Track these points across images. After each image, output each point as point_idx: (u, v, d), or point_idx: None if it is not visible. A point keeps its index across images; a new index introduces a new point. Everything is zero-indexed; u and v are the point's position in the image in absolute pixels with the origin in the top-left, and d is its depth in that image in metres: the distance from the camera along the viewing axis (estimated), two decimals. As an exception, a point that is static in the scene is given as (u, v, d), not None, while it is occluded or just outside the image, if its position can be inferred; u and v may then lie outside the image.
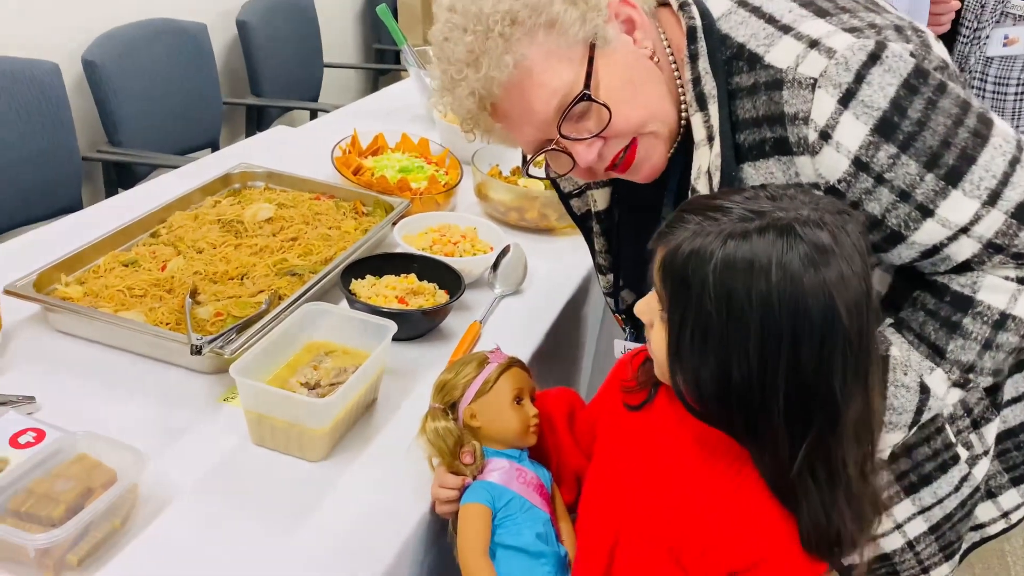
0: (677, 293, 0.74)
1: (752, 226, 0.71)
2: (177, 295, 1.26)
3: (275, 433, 1.03)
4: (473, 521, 0.91)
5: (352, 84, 4.06)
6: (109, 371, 1.15)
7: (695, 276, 0.72)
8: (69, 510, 0.86)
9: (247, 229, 1.47)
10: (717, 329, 0.71)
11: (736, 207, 0.74)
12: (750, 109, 0.88)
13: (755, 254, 0.70)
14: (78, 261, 1.31)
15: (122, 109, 2.42)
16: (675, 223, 0.76)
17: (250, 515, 0.95)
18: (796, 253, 0.69)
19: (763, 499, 0.77)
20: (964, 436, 1.01)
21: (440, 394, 0.98)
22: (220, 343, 1.11)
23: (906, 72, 0.83)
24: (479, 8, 0.88)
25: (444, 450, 0.95)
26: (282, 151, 1.90)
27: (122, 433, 1.00)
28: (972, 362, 0.90)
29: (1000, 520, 1.10)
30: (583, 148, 0.93)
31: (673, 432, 0.84)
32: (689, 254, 0.72)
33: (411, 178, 1.72)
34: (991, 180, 0.84)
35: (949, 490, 1.02)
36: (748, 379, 0.71)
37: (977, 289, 0.89)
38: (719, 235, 0.71)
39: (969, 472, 1.01)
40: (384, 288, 1.33)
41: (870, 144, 0.83)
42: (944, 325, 0.90)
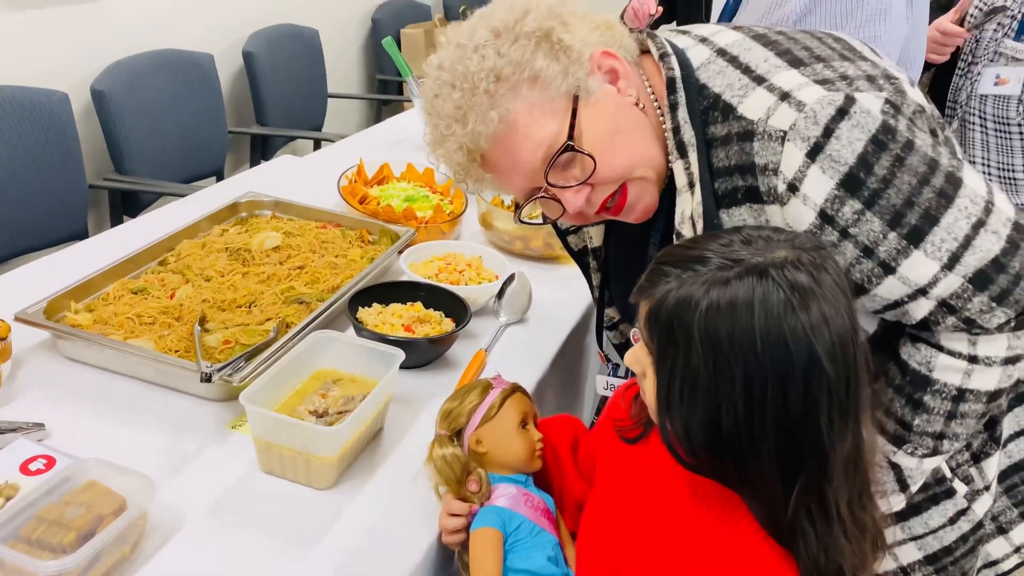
0: (665, 346, 0.75)
1: (731, 273, 0.72)
2: (186, 323, 1.27)
3: (284, 461, 1.03)
4: (485, 545, 0.91)
5: (355, 114, 4.10)
6: (118, 398, 1.16)
7: (680, 328, 0.73)
8: (80, 537, 0.86)
9: (254, 257, 1.48)
10: (705, 379, 0.72)
11: (713, 256, 0.75)
12: (724, 159, 0.90)
13: (736, 300, 0.71)
14: (87, 289, 1.32)
15: (129, 138, 2.45)
16: (655, 276, 0.77)
17: (258, 543, 0.96)
18: (775, 296, 0.70)
19: (760, 543, 0.76)
20: (964, 470, 1.01)
21: (446, 421, 0.99)
22: (229, 371, 1.12)
23: (874, 128, 0.83)
24: (465, 67, 0.92)
25: (451, 478, 0.96)
26: (288, 180, 1.92)
27: (131, 460, 1.01)
28: (940, 431, 0.92)
29: (1013, 555, 1.10)
30: (571, 195, 0.95)
31: (668, 472, 0.84)
32: (674, 307, 0.74)
33: (416, 207, 1.74)
34: (952, 243, 0.85)
35: (943, 521, 1.02)
36: (737, 426, 0.72)
37: (932, 368, 0.90)
38: (701, 285, 0.73)
39: (968, 507, 1.01)
40: (390, 316, 1.34)
41: (836, 198, 0.84)
42: (909, 402, 0.92)
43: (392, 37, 2.32)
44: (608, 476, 0.92)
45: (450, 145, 0.94)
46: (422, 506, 1.01)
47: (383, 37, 2.40)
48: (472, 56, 0.92)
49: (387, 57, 2.31)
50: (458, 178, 1.00)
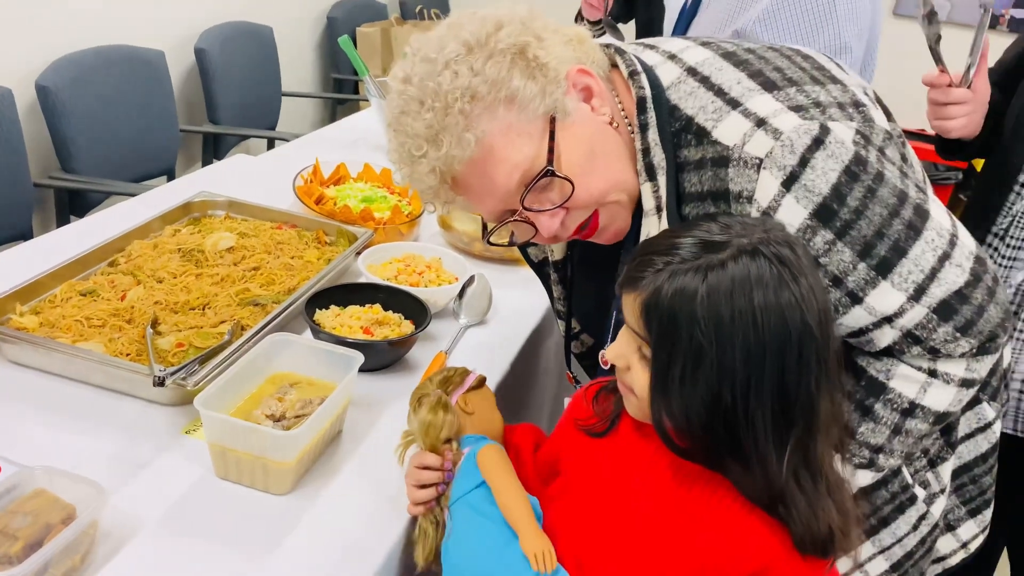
0: (664, 331, 0.76)
1: (725, 255, 0.75)
2: (137, 325, 1.24)
3: (240, 466, 1.01)
4: (501, 457, 0.92)
5: (310, 113, 4.06)
6: (67, 404, 1.12)
7: (683, 313, 0.75)
8: (27, 547, 0.83)
9: (208, 258, 1.45)
10: (708, 358, 0.75)
11: (697, 240, 0.77)
12: (696, 183, 0.89)
13: (734, 280, 0.74)
14: (33, 291, 1.28)
15: (76, 135, 2.39)
16: (642, 267, 0.78)
17: (214, 551, 0.93)
18: (768, 272, 0.75)
19: (748, 514, 0.79)
20: (921, 475, 1.03)
21: (443, 383, 0.99)
22: (183, 374, 1.09)
23: (847, 159, 0.84)
24: (437, 84, 0.87)
25: (435, 439, 0.96)
26: (242, 180, 1.89)
27: (81, 467, 0.98)
28: (881, 445, 0.93)
29: (960, 551, 1.13)
30: (546, 219, 0.92)
31: (647, 456, 0.85)
32: (674, 294, 0.75)
33: (374, 208, 1.72)
34: (919, 274, 0.86)
35: (908, 529, 1.04)
36: (736, 399, 0.75)
37: (890, 376, 0.92)
38: (697, 271, 0.75)
39: (927, 511, 1.03)
40: (349, 318, 1.32)
41: (808, 228, 0.85)
42: (858, 408, 0.93)
43: (348, 36, 2.30)
44: (578, 471, 0.92)
45: (421, 168, 0.90)
46: (384, 511, 1.00)
47: (338, 35, 2.38)
48: (444, 72, 0.87)
49: (343, 56, 2.29)
50: (426, 198, 0.96)
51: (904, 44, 2.76)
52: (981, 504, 1.12)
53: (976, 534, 1.13)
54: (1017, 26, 4.07)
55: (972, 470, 1.10)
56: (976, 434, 1.08)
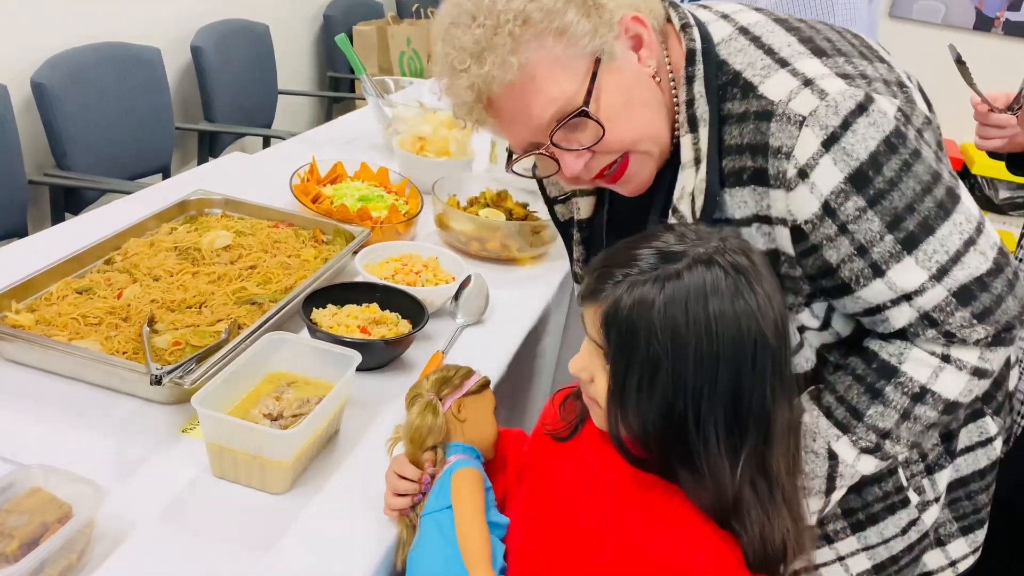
0: (623, 342, 0.77)
1: (681, 265, 0.76)
2: (133, 323, 1.24)
3: (237, 465, 1.01)
4: (472, 485, 0.91)
5: (306, 112, 4.05)
6: (63, 402, 1.12)
7: (640, 322, 0.76)
8: (23, 546, 0.83)
9: (204, 257, 1.45)
10: (664, 367, 0.75)
11: (655, 252, 0.78)
12: (736, 136, 0.90)
13: (689, 289, 0.75)
14: (29, 288, 1.27)
15: (71, 133, 2.38)
16: (601, 280, 0.79)
17: (210, 550, 0.93)
18: (724, 282, 0.76)
19: (703, 523, 0.79)
20: (917, 480, 1.03)
21: (438, 383, 0.98)
22: (180, 373, 1.09)
23: (889, 130, 0.85)
24: (492, 1, 0.87)
25: (420, 444, 0.95)
26: (238, 178, 1.88)
27: (78, 466, 0.97)
28: (888, 429, 0.93)
29: (948, 569, 1.12)
30: (571, 158, 0.93)
31: (607, 461, 0.86)
32: (632, 305, 0.76)
33: (371, 207, 1.72)
34: (943, 255, 0.86)
35: (896, 532, 1.04)
36: (690, 409, 0.76)
37: (903, 360, 0.92)
38: (654, 282, 0.76)
39: (918, 517, 1.03)
40: (346, 318, 1.32)
41: (842, 192, 0.85)
42: (868, 391, 0.93)
43: (345, 34, 2.29)
44: (540, 474, 0.93)
45: (460, 82, 0.90)
46: (379, 512, 1.00)
47: (335, 34, 2.37)
48: None
49: (339, 54, 2.29)
50: (458, 114, 0.96)
51: (900, 45, 2.76)
52: (975, 523, 1.11)
53: (966, 554, 1.12)
54: (1012, 29, 4.09)
55: (968, 485, 1.09)
56: (976, 448, 1.08)
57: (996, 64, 2.68)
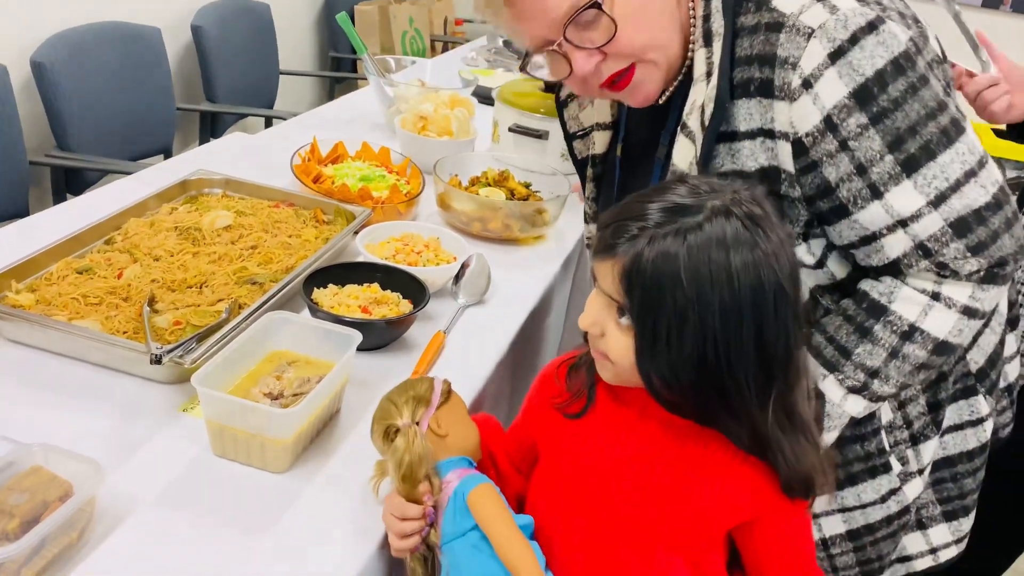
0: (648, 296, 0.77)
1: (701, 218, 0.76)
2: (134, 303, 1.23)
3: (237, 444, 1.01)
4: (494, 500, 0.88)
5: (308, 92, 4.03)
6: (63, 381, 1.12)
7: (665, 275, 0.76)
8: (24, 524, 0.83)
9: (205, 237, 1.44)
10: (692, 319, 0.75)
11: (671, 205, 0.78)
12: (747, 48, 0.91)
13: (711, 240, 0.75)
14: (29, 268, 1.27)
15: (72, 113, 2.37)
16: (617, 234, 0.78)
17: (211, 528, 0.93)
18: (742, 232, 0.76)
19: (741, 463, 0.83)
20: (900, 449, 1.02)
21: (411, 406, 0.94)
22: (180, 352, 1.09)
23: (897, 51, 0.86)
24: None
25: (415, 480, 0.90)
26: (239, 158, 1.88)
27: (78, 445, 0.97)
28: (876, 368, 0.93)
29: (928, 556, 1.11)
30: (582, 57, 0.95)
31: (633, 424, 0.86)
32: (655, 258, 0.76)
33: (372, 187, 1.71)
34: (943, 182, 0.87)
35: (874, 498, 1.03)
36: (720, 357, 0.76)
37: (892, 299, 0.92)
38: (676, 234, 0.76)
39: (900, 487, 1.03)
40: (347, 297, 1.32)
41: (844, 107, 0.86)
42: (857, 330, 0.93)
43: (346, 13, 2.27)
44: (562, 453, 0.92)
45: None
46: (381, 489, 1.00)
47: (336, 13, 2.35)
48: None
49: (341, 34, 2.28)
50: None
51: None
52: (959, 509, 1.10)
53: (948, 543, 1.11)
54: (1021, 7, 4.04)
55: (955, 466, 1.08)
56: (966, 427, 1.07)
57: (1005, 42, 2.65)
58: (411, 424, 0.92)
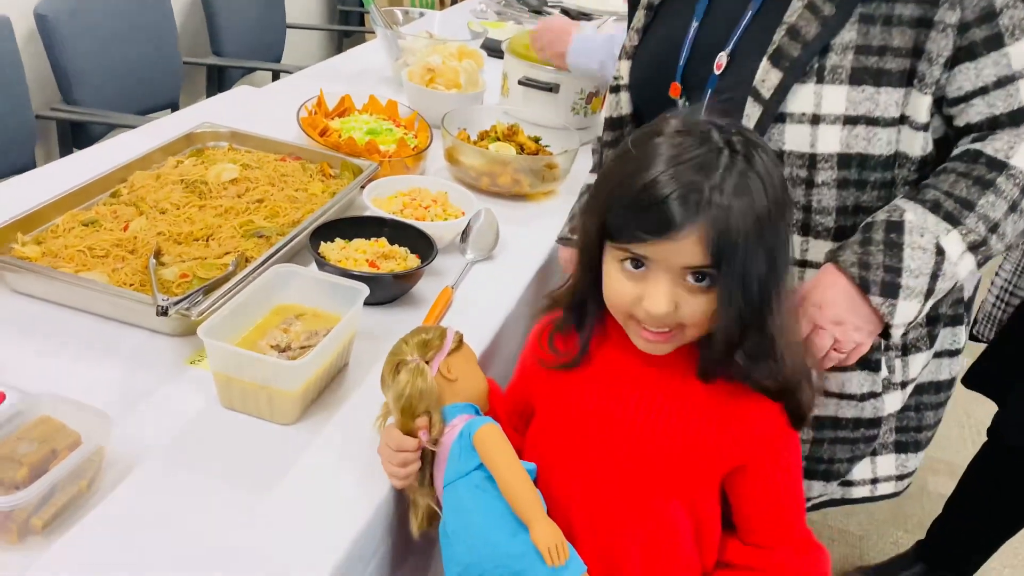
0: (739, 248, 0.76)
1: (742, 164, 0.76)
2: (140, 256, 1.23)
3: (245, 396, 1.01)
4: (501, 439, 0.88)
5: (315, 46, 3.98)
6: (71, 333, 1.12)
7: (751, 223, 0.75)
8: (33, 472, 0.83)
9: (211, 190, 1.43)
10: (765, 253, 0.77)
11: (699, 156, 0.76)
12: None
13: (764, 168, 0.77)
14: (35, 220, 1.26)
15: (77, 66, 2.34)
16: (685, 203, 0.74)
17: (219, 480, 0.94)
18: (770, 159, 0.78)
19: (736, 405, 0.84)
20: (890, 356, 1.00)
21: (421, 347, 0.94)
22: (186, 305, 1.08)
23: None
24: None
25: (412, 412, 0.92)
26: (245, 111, 1.85)
27: (85, 396, 0.97)
28: (998, 220, 0.91)
29: (867, 485, 1.09)
30: None
31: (634, 375, 0.87)
32: (742, 210, 0.75)
33: (379, 141, 1.69)
34: None
35: (855, 392, 1.01)
36: (775, 285, 0.79)
37: (1011, 155, 0.90)
38: (740, 176, 0.75)
39: (880, 394, 1.01)
40: (354, 252, 1.31)
41: None
42: (977, 183, 0.91)
43: (354, -36, 2.23)
44: (560, 407, 0.93)
45: None
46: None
47: (344, -36, 2.31)
48: None
49: (349, -15, 2.23)
50: None
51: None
52: (910, 443, 1.08)
53: (890, 476, 1.09)
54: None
55: (921, 395, 1.06)
56: (943, 356, 1.05)
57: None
58: (419, 361, 0.93)
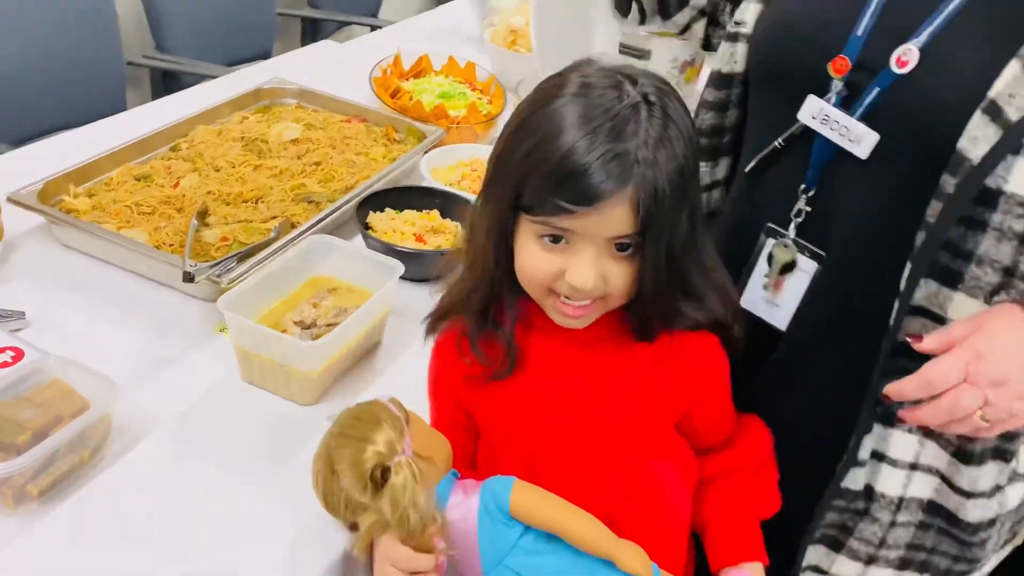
0: (666, 210, 0.70)
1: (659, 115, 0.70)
2: (187, 214, 1.21)
3: (264, 372, 0.97)
4: (536, 492, 0.76)
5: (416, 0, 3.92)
6: (108, 290, 1.11)
7: (676, 181, 0.71)
8: (35, 438, 0.82)
9: (271, 149, 1.40)
10: (688, 210, 0.73)
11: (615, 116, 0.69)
12: None
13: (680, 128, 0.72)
14: (91, 171, 1.26)
15: (171, 14, 2.36)
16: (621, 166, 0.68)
17: (227, 455, 0.91)
18: (675, 103, 0.73)
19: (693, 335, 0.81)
20: (1016, 443, 0.87)
21: (389, 434, 0.74)
22: (219, 271, 1.05)
23: None
24: None
25: (425, 521, 0.73)
26: (323, 67, 1.82)
27: (108, 357, 0.97)
28: None
29: None
30: None
31: (574, 356, 0.81)
32: (670, 172, 0.70)
33: (450, 105, 1.62)
34: None
35: (986, 488, 0.85)
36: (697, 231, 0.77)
37: None
38: (660, 143, 0.70)
39: (1004, 487, 0.87)
40: (403, 223, 1.25)
41: None
42: None
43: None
44: (508, 412, 0.82)
45: None
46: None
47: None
48: None
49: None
50: None
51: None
52: None
53: None
54: None
55: None
56: None
57: None
58: (404, 457, 0.73)
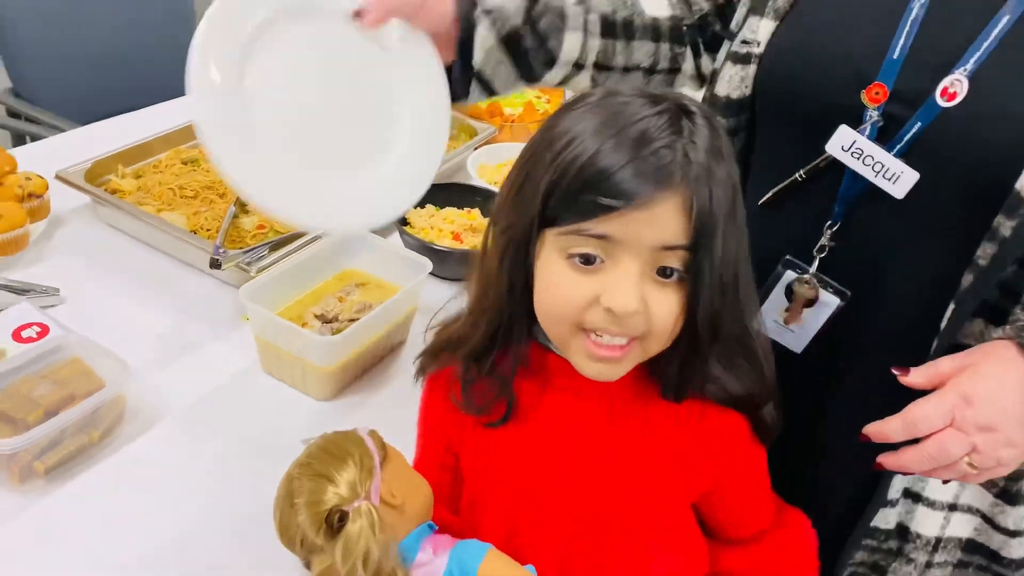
0: (717, 226, 0.61)
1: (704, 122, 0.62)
2: (229, 200, 1.21)
3: (281, 364, 0.97)
4: (508, 566, 0.69)
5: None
6: (145, 272, 1.12)
7: (731, 195, 0.63)
8: (48, 415, 0.83)
9: (321, 139, 1.39)
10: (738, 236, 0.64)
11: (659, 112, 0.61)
12: None
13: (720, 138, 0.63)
14: (143, 152, 1.28)
15: None
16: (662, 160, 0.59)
17: (234, 446, 0.90)
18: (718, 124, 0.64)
19: (713, 408, 0.72)
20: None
21: (353, 474, 0.67)
22: (249, 258, 1.05)
23: None
24: None
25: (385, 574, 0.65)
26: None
27: (135, 339, 0.98)
28: None
29: None
30: None
31: (578, 410, 0.72)
32: (725, 177, 0.62)
33: (505, 102, 1.59)
34: None
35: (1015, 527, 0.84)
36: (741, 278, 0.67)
37: None
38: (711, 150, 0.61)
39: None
40: (442, 221, 1.23)
41: None
42: None
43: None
44: (501, 461, 0.76)
45: None
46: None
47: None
48: None
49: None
50: None
51: None
52: None
53: None
54: None
55: None
56: None
57: None
58: (363, 500, 0.65)
